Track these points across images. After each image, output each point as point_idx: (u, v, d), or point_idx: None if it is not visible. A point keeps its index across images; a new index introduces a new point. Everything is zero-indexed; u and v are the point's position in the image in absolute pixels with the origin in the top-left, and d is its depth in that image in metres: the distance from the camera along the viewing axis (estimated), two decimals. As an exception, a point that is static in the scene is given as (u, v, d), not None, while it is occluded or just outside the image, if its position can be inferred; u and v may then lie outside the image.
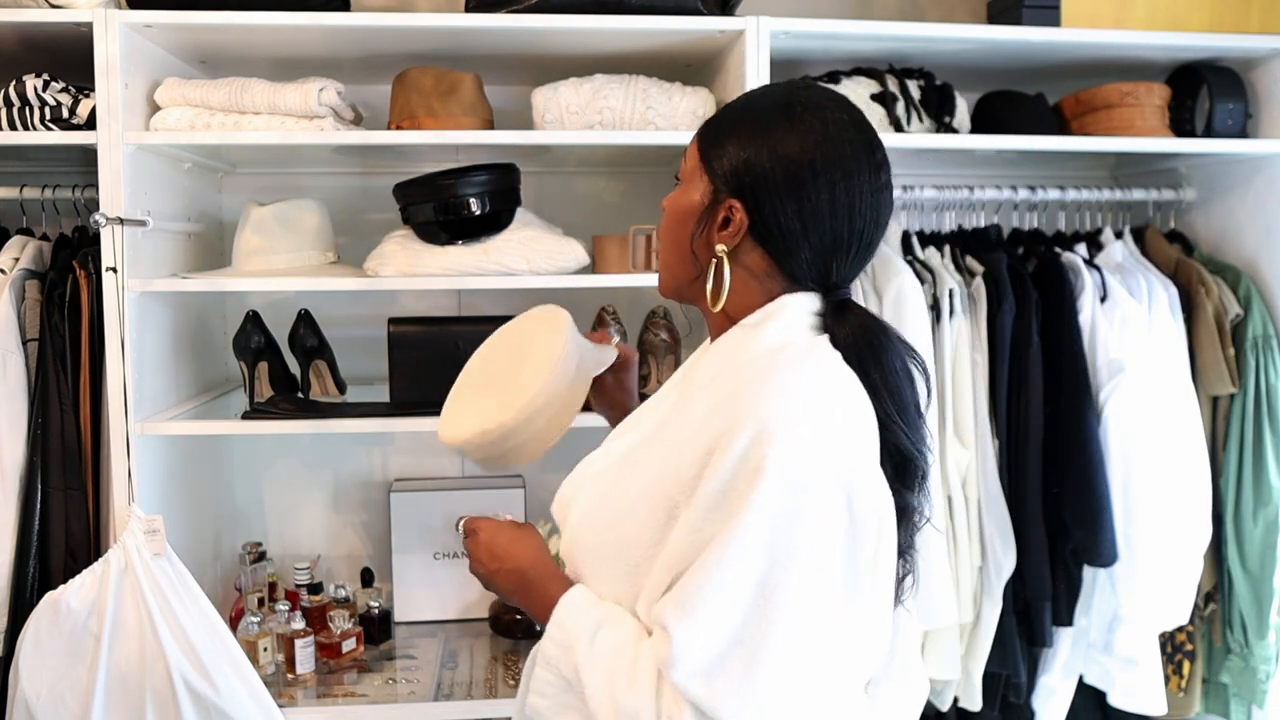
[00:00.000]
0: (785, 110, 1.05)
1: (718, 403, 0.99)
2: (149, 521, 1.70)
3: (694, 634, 0.90)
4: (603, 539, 1.04)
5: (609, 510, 1.05)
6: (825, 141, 1.02)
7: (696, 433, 0.98)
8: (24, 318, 1.81)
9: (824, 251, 1.03)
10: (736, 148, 1.04)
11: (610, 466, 1.10)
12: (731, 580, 0.90)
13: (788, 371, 0.98)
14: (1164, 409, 2.01)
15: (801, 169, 1.01)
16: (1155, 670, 2.04)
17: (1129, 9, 2.06)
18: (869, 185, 1.03)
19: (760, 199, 1.03)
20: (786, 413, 0.93)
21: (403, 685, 1.93)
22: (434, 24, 1.79)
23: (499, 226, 1.89)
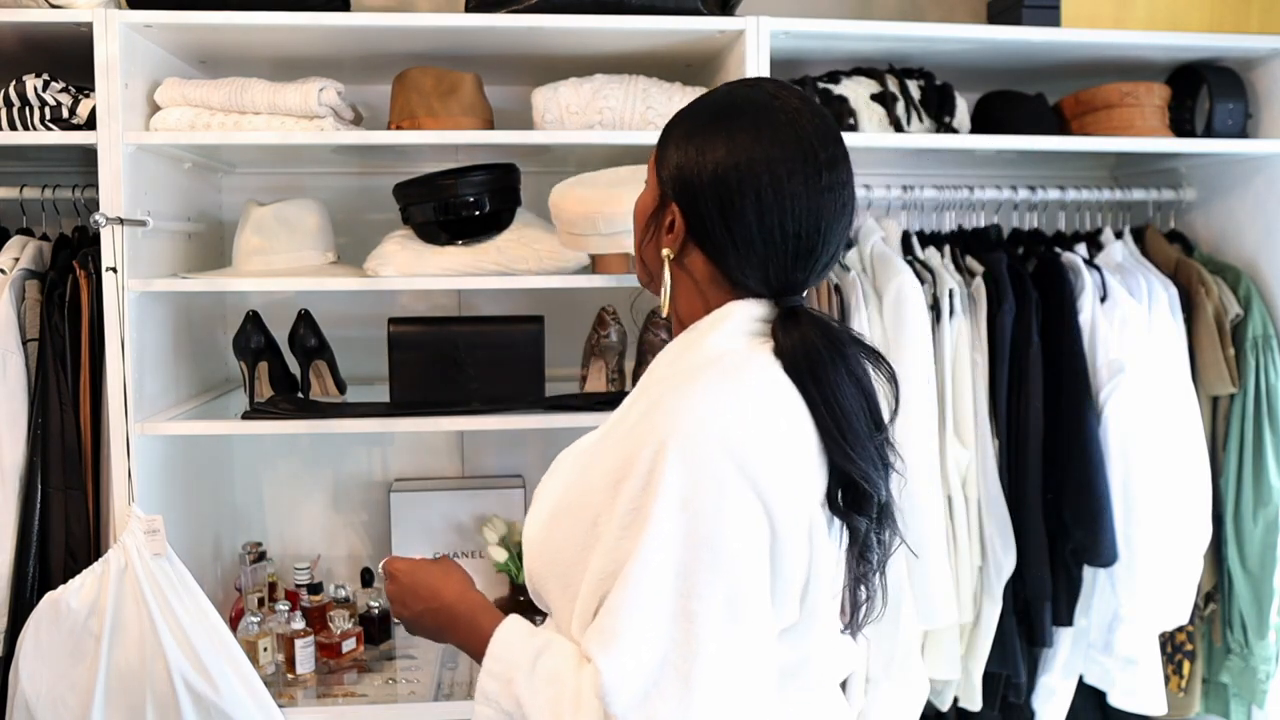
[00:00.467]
0: (720, 114, 1.04)
1: (642, 413, 0.98)
2: (149, 521, 1.70)
3: (621, 664, 0.89)
4: (543, 544, 1.04)
5: (548, 514, 1.04)
6: (754, 145, 1.00)
7: (620, 442, 0.97)
8: (24, 318, 1.81)
9: (758, 258, 1.01)
10: (673, 151, 1.04)
11: (563, 469, 1.09)
12: (647, 604, 0.90)
13: (702, 385, 0.96)
14: (1164, 409, 2.01)
15: (726, 175, 1.00)
16: (1155, 670, 2.04)
17: (1129, 9, 2.06)
18: (805, 188, 1.00)
19: (692, 204, 1.02)
20: (686, 430, 0.92)
21: (403, 685, 1.93)
22: (434, 24, 1.79)
23: (499, 226, 1.89)
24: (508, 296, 2.28)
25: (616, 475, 0.95)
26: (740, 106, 1.04)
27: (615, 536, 0.92)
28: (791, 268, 1.02)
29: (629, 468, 0.93)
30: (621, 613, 0.90)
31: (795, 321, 1.01)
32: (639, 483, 0.92)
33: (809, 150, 1.01)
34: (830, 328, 1.02)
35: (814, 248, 1.02)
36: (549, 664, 0.96)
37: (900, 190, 2.14)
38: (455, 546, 2.20)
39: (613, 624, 0.90)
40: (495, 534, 2.12)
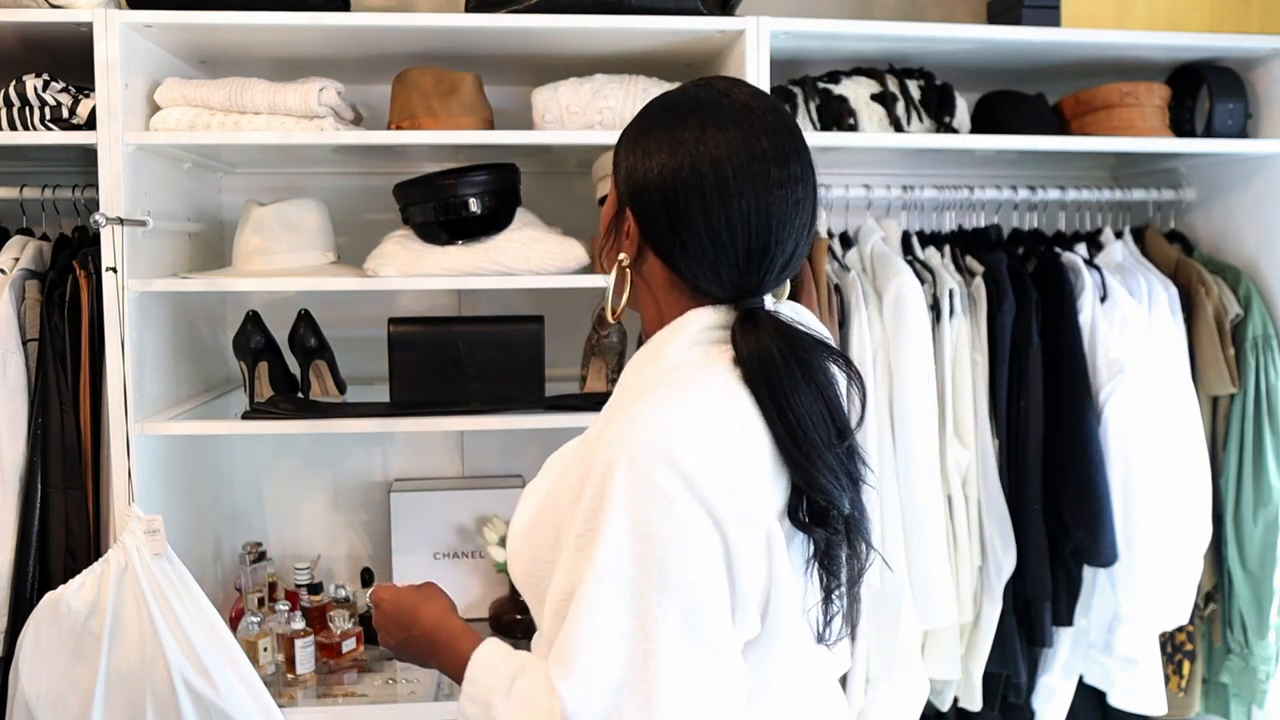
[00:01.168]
0: (667, 115, 1.02)
1: (599, 430, 0.97)
2: (149, 521, 1.70)
3: (580, 690, 0.88)
4: (522, 551, 1.04)
5: (530, 523, 1.04)
6: (698, 145, 0.98)
7: (583, 456, 0.96)
8: (24, 318, 1.81)
9: (709, 260, 0.99)
10: (624, 155, 1.04)
11: (541, 478, 1.09)
12: (602, 626, 0.89)
13: (651, 403, 0.94)
14: (1164, 409, 2.01)
15: (671, 177, 0.98)
16: (1155, 670, 2.04)
17: (1129, 9, 2.06)
18: (752, 186, 0.97)
19: (643, 208, 1.01)
20: (632, 449, 0.91)
21: (403, 685, 1.93)
22: (434, 24, 1.79)
23: (499, 226, 1.89)
24: (508, 296, 2.28)
25: (575, 491, 0.94)
26: (687, 106, 1.01)
27: (571, 555, 0.92)
28: (745, 269, 0.99)
29: (582, 486, 0.93)
30: (578, 637, 0.89)
31: (754, 326, 0.98)
32: (590, 503, 0.91)
33: (755, 147, 0.98)
34: (791, 332, 0.98)
35: (767, 247, 0.99)
36: (523, 687, 0.95)
37: (900, 190, 2.14)
38: (455, 546, 2.20)
39: (570, 649, 0.89)
40: (495, 534, 2.12)
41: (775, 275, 1.02)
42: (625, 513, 0.89)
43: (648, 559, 0.89)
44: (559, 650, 0.90)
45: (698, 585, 0.90)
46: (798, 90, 1.99)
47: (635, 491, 0.90)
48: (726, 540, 0.92)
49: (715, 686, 0.91)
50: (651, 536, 0.89)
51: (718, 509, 0.91)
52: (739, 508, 0.93)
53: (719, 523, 0.92)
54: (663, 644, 0.89)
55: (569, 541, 0.93)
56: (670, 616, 0.89)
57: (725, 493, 0.92)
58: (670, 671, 0.88)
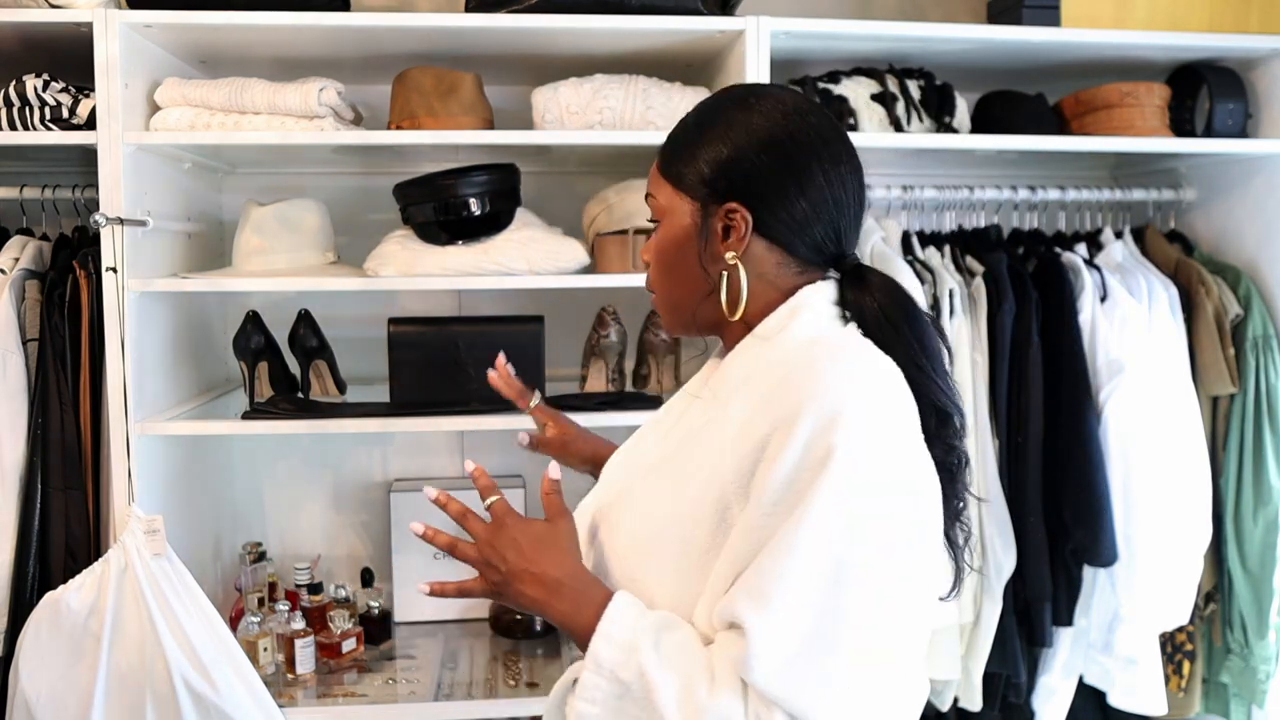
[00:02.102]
0: (739, 103, 1.04)
1: (760, 400, 0.95)
2: (149, 521, 1.70)
3: (771, 627, 0.86)
4: (650, 550, 1.00)
5: (652, 522, 1.01)
6: (793, 115, 1.02)
7: (741, 432, 0.95)
8: (24, 318, 1.81)
9: (833, 221, 1.03)
10: (711, 153, 1.03)
11: (642, 480, 1.06)
12: (804, 570, 0.87)
13: (835, 360, 0.95)
14: (1164, 409, 2.01)
15: (785, 146, 1.01)
16: (1155, 670, 2.04)
17: (1129, 9, 2.06)
18: (843, 149, 1.03)
19: (757, 190, 1.01)
20: (848, 398, 0.90)
21: (403, 685, 1.93)
22: (434, 24, 1.79)
23: (499, 226, 1.89)
24: (508, 296, 2.28)
25: (751, 459, 0.92)
26: (752, 94, 1.05)
27: (763, 511, 0.89)
28: (856, 227, 1.05)
29: (779, 446, 0.90)
30: (778, 578, 0.87)
31: (867, 285, 1.03)
32: (796, 456, 0.89)
33: (828, 118, 1.05)
34: (891, 281, 1.04)
35: (864, 204, 1.06)
36: (676, 639, 0.92)
37: (900, 190, 2.14)
38: (455, 546, 2.20)
39: (767, 589, 0.87)
40: (495, 534, 2.12)
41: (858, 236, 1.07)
42: (844, 463, 0.88)
43: (860, 510, 0.88)
44: (752, 588, 0.87)
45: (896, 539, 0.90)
46: (798, 90, 1.99)
47: (855, 442, 0.89)
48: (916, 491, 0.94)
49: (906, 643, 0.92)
50: (865, 487, 0.89)
51: (914, 463, 0.95)
52: (925, 458, 0.97)
53: (912, 478, 0.94)
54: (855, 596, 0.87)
55: (759, 500, 0.90)
56: (866, 568, 0.88)
57: (918, 444, 0.96)
58: (856, 624, 0.87)
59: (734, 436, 0.95)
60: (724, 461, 0.95)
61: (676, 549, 0.97)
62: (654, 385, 2.07)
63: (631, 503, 1.05)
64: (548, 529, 1.03)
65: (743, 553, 0.90)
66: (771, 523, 0.89)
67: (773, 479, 0.90)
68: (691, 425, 1.05)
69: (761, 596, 0.87)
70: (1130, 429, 1.98)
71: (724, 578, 0.92)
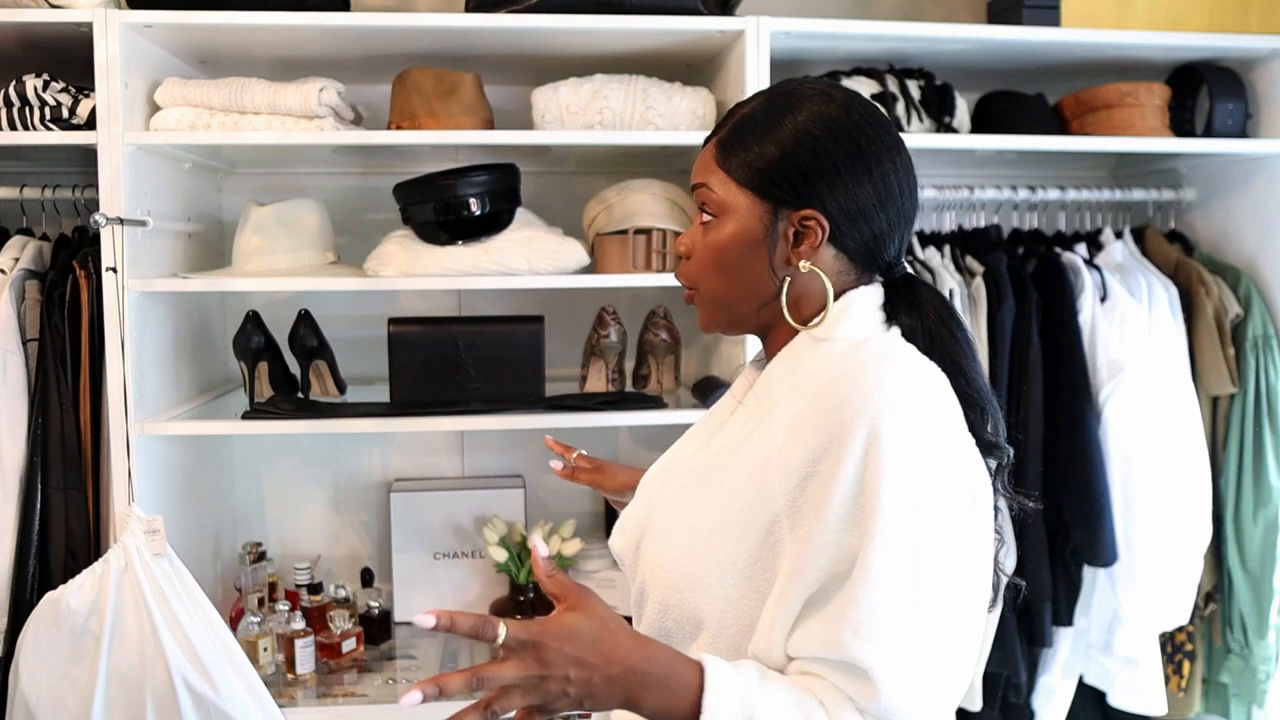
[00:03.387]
0: (815, 99, 1.01)
1: (807, 410, 0.94)
2: (149, 521, 1.70)
3: (890, 662, 0.86)
4: (694, 559, 0.98)
5: (698, 532, 0.98)
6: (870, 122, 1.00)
7: (787, 444, 0.93)
8: (24, 318, 1.81)
9: (899, 232, 1.02)
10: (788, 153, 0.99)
11: (685, 488, 1.04)
12: (896, 592, 0.86)
13: (883, 368, 0.94)
14: (1164, 409, 2.01)
15: (866, 154, 0.98)
16: (1155, 670, 2.04)
17: (1129, 9, 2.06)
18: (909, 161, 1.02)
19: (837, 198, 0.98)
20: (898, 407, 0.90)
21: (403, 685, 1.93)
22: (434, 24, 1.79)
23: (499, 226, 1.89)
24: (508, 296, 2.28)
25: (801, 472, 0.91)
26: (791, 94, 1.02)
27: (835, 530, 0.88)
28: (905, 231, 1.03)
29: (834, 461, 0.89)
30: (875, 607, 0.86)
31: (919, 298, 1.02)
32: (854, 473, 0.88)
33: (873, 107, 1.03)
34: (942, 298, 1.03)
35: (916, 206, 1.04)
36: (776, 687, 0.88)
37: (900, 190, 2.14)
38: (455, 546, 2.20)
39: (870, 621, 0.86)
40: (495, 534, 2.12)
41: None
42: (899, 477, 0.87)
43: (924, 521, 0.88)
44: (858, 621, 0.86)
45: (961, 541, 0.91)
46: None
47: (907, 453, 0.88)
48: (974, 491, 0.94)
49: (971, 642, 0.93)
50: (926, 495, 0.89)
51: (966, 464, 0.94)
52: (976, 458, 0.96)
53: (968, 479, 0.93)
54: (936, 605, 0.88)
55: (825, 516, 0.89)
56: (941, 577, 0.88)
57: (968, 445, 0.95)
58: (940, 631, 0.88)
59: (780, 449, 0.94)
60: (770, 474, 0.93)
61: (721, 558, 0.95)
62: (654, 385, 2.07)
63: (675, 511, 1.03)
64: (588, 621, 0.85)
65: (815, 570, 0.89)
66: (844, 540, 0.88)
67: (836, 496, 0.88)
68: (735, 433, 1.03)
69: (869, 630, 0.86)
70: (1130, 429, 1.98)
71: (794, 592, 0.90)
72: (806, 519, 0.90)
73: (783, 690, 0.88)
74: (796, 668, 0.92)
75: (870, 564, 0.86)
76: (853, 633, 0.86)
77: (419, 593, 2.20)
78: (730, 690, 0.85)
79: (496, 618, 0.83)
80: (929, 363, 0.97)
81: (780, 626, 0.91)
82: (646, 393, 2.04)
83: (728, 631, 0.96)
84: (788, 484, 0.92)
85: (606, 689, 0.84)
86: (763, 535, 0.93)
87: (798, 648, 0.90)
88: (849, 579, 0.87)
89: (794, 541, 0.91)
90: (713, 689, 0.84)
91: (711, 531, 0.96)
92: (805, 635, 0.90)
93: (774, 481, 0.93)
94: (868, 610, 0.86)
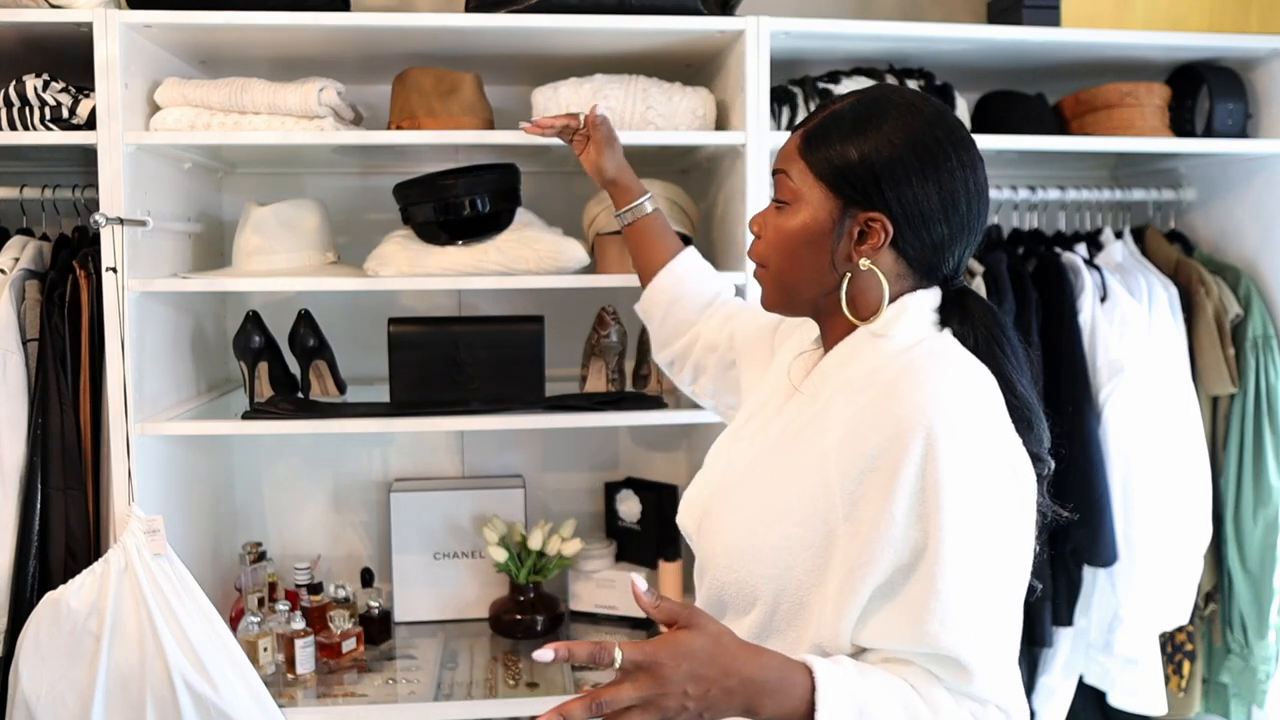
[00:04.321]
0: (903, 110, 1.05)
1: (865, 407, 0.99)
2: (149, 521, 1.70)
3: (979, 649, 0.92)
4: (753, 543, 1.03)
5: (758, 516, 1.04)
6: (953, 137, 1.04)
7: (845, 440, 0.98)
8: (24, 318, 1.81)
9: (962, 247, 1.06)
10: (866, 154, 1.03)
11: (746, 471, 1.10)
12: (969, 581, 0.92)
13: (939, 367, 0.99)
14: (1164, 409, 2.01)
15: (942, 169, 1.02)
16: (1155, 670, 2.04)
17: (1129, 9, 2.06)
18: (985, 180, 1.06)
19: (906, 206, 1.02)
20: (950, 408, 0.94)
21: (403, 685, 1.93)
22: (434, 24, 1.79)
23: (499, 226, 1.89)
24: (508, 296, 2.28)
25: (859, 467, 0.96)
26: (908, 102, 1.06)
27: (901, 526, 0.93)
28: (970, 243, 1.07)
29: (894, 460, 0.94)
30: (956, 596, 0.92)
31: (970, 306, 1.06)
32: (915, 474, 0.93)
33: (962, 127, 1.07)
34: (992, 308, 1.07)
35: (985, 216, 1.07)
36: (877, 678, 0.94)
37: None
38: (455, 546, 2.20)
39: (955, 608, 0.92)
40: (495, 534, 2.12)
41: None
42: (958, 476, 0.92)
43: (984, 517, 0.93)
44: (945, 612, 0.91)
45: (1014, 533, 0.97)
46: (798, 90, 1.99)
47: (963, 453, 0.93)
48: (1021, 488, 0.98)
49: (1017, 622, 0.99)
50: (984, 492, 0.94)
51: (1016, 463, 0.99)
52: (1025, 457, 1.01)
53: (1017, 478, 0.98)
54: (1002, 593, 0.95)
55: (891, 513, 0.93)
56: (1002, 567, 0.95)
57: (1017, 445, 1.00)
58: (1006, 615, 0.96)
59: (838, 443, 0.99)
60: (830, 468, 0.98)
61: (779, 542, 1.01)
62: (654, 385, 2.07)
63: (736, 494, 1.09)
64: (701, 637, 0.88)
65: (881, 563, 0.94)
66: (909, 534, 0.93)
67: (898, 492, 0.93)
68: (792, 422, 1.08)
69: (954, 620, 0.92)
70: (1130, 429, 1.98)
71: (861, 584, 0.95)
72: (865, 512, 0.95)
73: (880, 678, 0.93)
74: (878, 657, 0.97)
75: (943, 555, 0.92)
76: (939, 623, 0.92)
77: (419, 593, 2.20)
78: (840, 686, 0.90)
79: (611, 641, 0.86)
80: (979, 363, 1.02)
81: (848, 617, 0.96)
82: (646, 393, 2.04)
83: (782, 608, 1.01)
84: (846, 477, 0.97)
85: (725, 700, 0.87)
86: (819, 523, 0.99)
87: (877, 639, 0.96)
88: (916, 571, 0.93)
89: (851, 534, 0.96)
90: (824, 687, 0.89)
91: (773, 517, 1.02)
92: (883, 627, 0.96)
93: (833, 475, 0.98)
94: (948, 600, 0.91)
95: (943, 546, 0.92)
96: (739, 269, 1.87)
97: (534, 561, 2.11)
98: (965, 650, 0.92)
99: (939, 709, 0.93)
